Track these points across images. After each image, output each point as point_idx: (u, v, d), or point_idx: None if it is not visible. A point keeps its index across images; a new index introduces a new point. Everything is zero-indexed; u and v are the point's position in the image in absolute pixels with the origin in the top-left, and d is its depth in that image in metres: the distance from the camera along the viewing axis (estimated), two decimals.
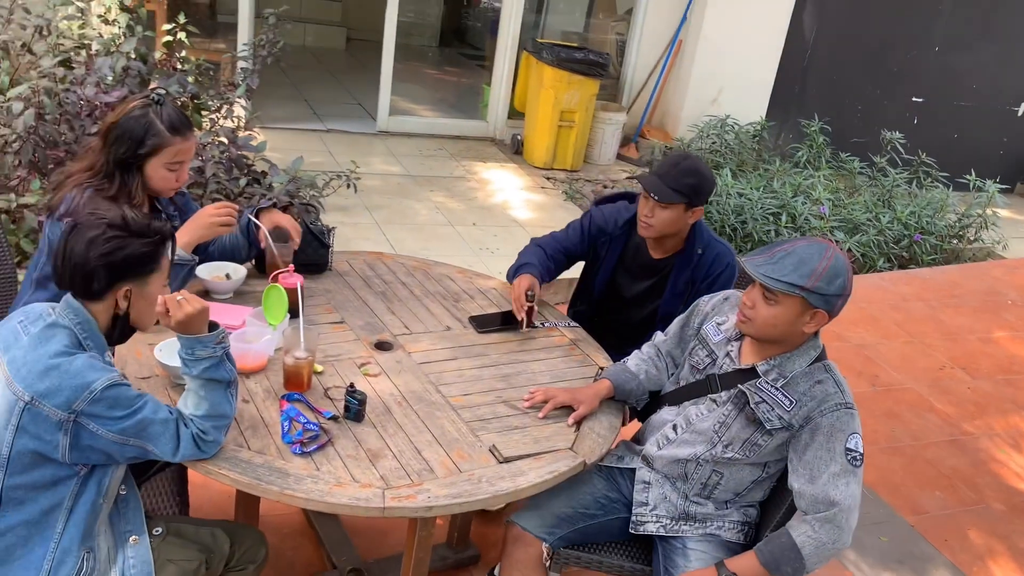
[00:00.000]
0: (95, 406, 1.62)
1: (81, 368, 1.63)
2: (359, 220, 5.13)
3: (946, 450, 3.89)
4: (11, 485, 1.64)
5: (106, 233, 1.69)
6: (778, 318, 1.97)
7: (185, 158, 2.35)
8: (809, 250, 1.95)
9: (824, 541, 1.94)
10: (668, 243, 2.67)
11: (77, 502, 1.70)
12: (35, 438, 1.62)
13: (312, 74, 8.72)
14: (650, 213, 2.55)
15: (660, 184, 2.51)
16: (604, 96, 7.49)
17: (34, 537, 1.68)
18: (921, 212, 6.36)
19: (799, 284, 1.91)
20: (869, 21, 8.01)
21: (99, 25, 4.54)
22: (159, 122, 2.26)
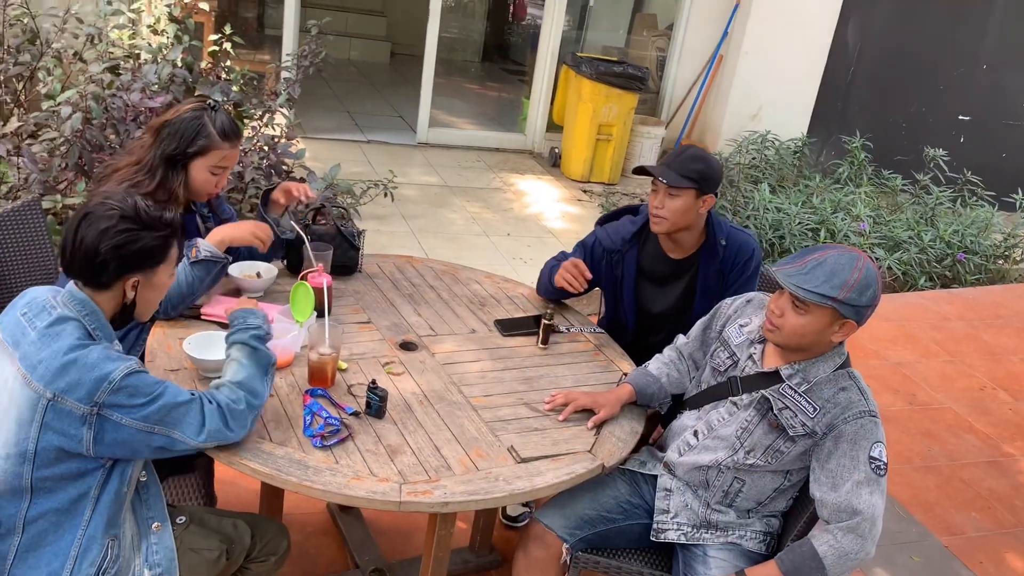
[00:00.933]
0: (116, 396, 1.64)
1: (98, 360, 1.65)
2: (395, 228, 5.19)
3: (984, 471, 3.80)
4: (39, 476, 1.67)
5: (118, 225, 1.71)
6: (807, 327, 1.95)
7: (229, 164, 2.42)
8: (840, 260, 1.93)
9: (847, 551, 1.92)
10: (685, 240, 2.60)
11: (103, 491, 1.73)
12: (59, 434, 1.64)
13: (355, 87, 8.86)
14: (660, 204, 2.49)
15: (668, 171, 2.47)
16: (644, 110, 7.50)
17: (64, 524, 1.71)
18: (965, 231, 6.23)
19: (831, 295, 1.90)
20: (914, 38, 7.92)
21: (149, 35, 4.68)
22: (211, 125, 2.34)
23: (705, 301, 2.59)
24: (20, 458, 1.65)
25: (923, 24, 7.90)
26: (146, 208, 1.76)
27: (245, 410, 1.79)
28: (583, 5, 8.53)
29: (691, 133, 7.60)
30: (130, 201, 1.76)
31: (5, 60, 3.96)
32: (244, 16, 9.80)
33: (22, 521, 1.70)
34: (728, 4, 7.38)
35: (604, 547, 2.20)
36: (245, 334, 1.90)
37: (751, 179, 6.63)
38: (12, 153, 3.62)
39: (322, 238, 2.67)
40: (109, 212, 1.72)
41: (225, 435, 1.76)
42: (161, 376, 2.05)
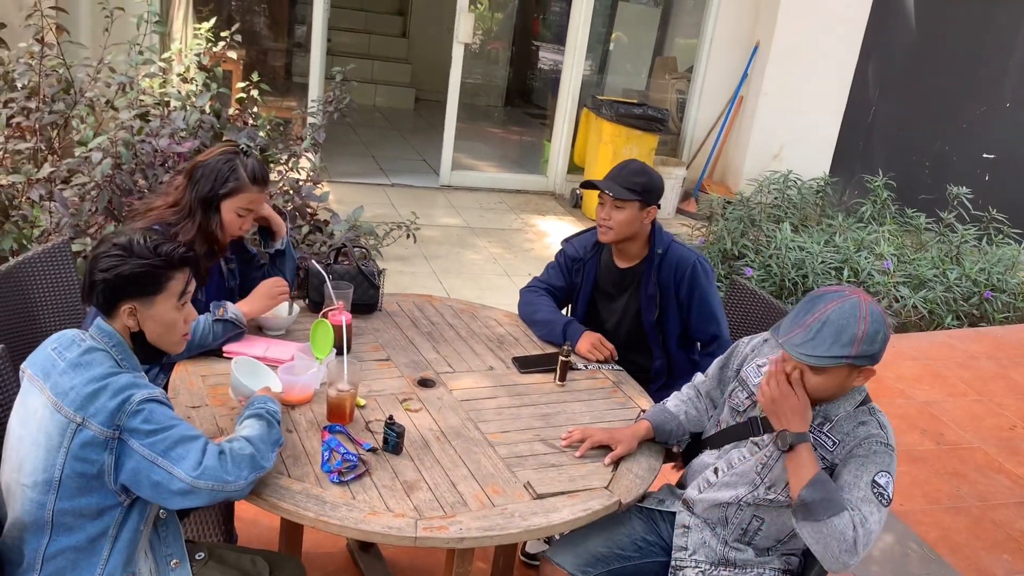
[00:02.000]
0: (133, 419, 1.67)
1: (125, 384, 1.70)
2: (417, 269, 5.24)
3: (1015, 512, 3.72)
4: (60, 509, 1.69)
5: (110, 251, 1.78)
6: (828, 383, 1.95)
7: (255, 207, 2.49)
8: (842, 314, 1.89)
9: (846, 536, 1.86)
10: (630, 249, 2.78)
11: (121, 530, 1.74)
12: (83, 460, 1.66)
13: (380, 132, 9.01)
14: (607, 216, 2.69)
15: (613, 184, 2.68)
16: (665, 151, 7.56)
17: (81, 562, 1.73)
18: (992, 269, 6.17)
19: (843, 355, 1.89)
20: (936, 77, 7.93)
21: (178, 83, 4.81)
22: (242, 169, 2.41)
23: (650, 307, 2.79)
24: (46, 486, 1.68)
25: (945, 62, 7.92)
26: (144, 239, 1.81)
27: (248, 457, 1.77)
28: (603, 49, 8.66)
29: (712, 173, 7.63)
30: (131, 233, 1.83)
31: (40, 109, 4.09)
32: (272, 64, 10.04)
33: (41, 557, 1.72)
34: (747, 45, 7.46)
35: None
36: (263, 409, 1.93)
37: (773, 219, 6.63)
38: (45, 198, 3.72)
39: (343, 277, 2.72)
40: (106, 240, 1.81)
41: (220, 477, 1.71)
42: (181, 412, 2.09)
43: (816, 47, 7.29)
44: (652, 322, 2.80)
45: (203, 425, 2.06)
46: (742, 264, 5.78)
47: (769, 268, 5.67)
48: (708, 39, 7.53)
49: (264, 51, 10.11)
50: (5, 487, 1.77)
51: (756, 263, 5.76)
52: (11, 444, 1.77)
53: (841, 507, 1.88)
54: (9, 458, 1.77)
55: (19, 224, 3.67)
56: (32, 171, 3.80)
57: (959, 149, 8.19)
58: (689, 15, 8.25)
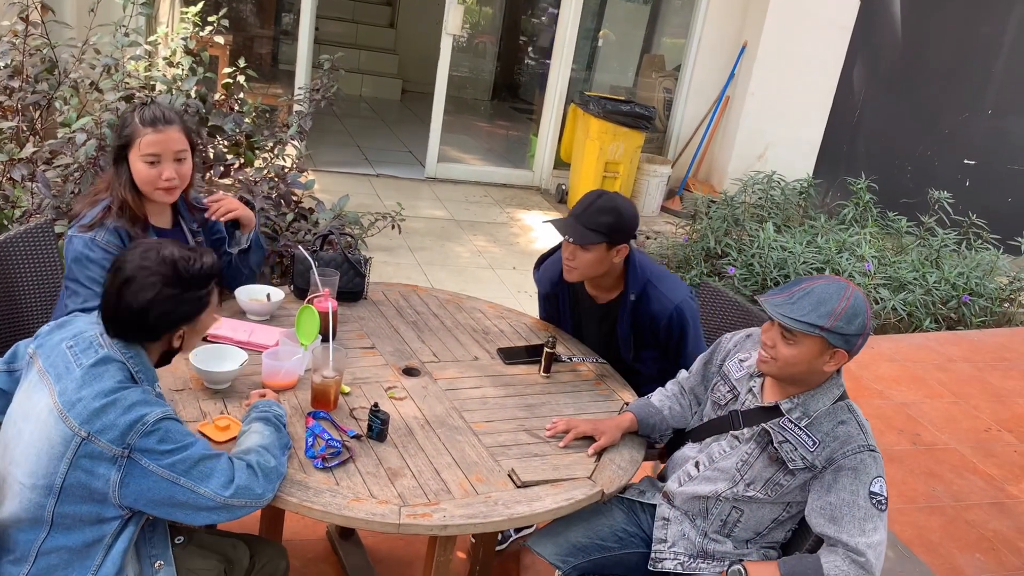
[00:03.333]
0: (147, 440, 1.64)
1: (135, 402, 1.66)
2: (401, 260, 5.23)
3: (989, 512, 3.77)
4: (61, 512, 1.67)
5: (163, 292, 1.72)
6: (798, 357, 1.96)
7: (158, 150, 2.30)
8: (828, 289, 1.94)
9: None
10: (604, 283, 2.60)
11: (116, 539, 1.72)
12: (88, 472, 1.64)
13: (366, 123, 8.98)
14: (571, 256, 2.47)
15: (575, 225, 2.42)
16: (650, 149, 7.58)
17: (74, 563, 1.71)
18: (970, 273, 6.24)
19: (818, 324, 1.91)
20: (920, 82, 8.01)
21: (164, 67, 4.77)
22: (136, 116, 2.33)
23: (625, 346, 2.64)
24: (46, 490, 1.66)
25: (929, 68, 7.99)
26: (186, 265, 1.75)
27: (274, 468, 1.77)
28: (592, 46, 8.66)
29: (697, 172, 7.67)
30: (168, 260, 1.74)
31: (23, 88, 4.04)
32: (258, 51, 9.97)
33: (35, 551, 1.70)
34: (735, 46, 7.49)
35: (599, 573, 2.19)
36: (269, 413, 1.91)
37: (756, 219, 6.67)
38: (27, 179, 3.68)
39: (329, 264, 2.70)
40: (151, 280, 1.72)
41: (254, 492, 1.72)
42: (166, 396, 2.08)
43: (803, 50, 7.33)
44: (628, 359, 2.67)
45: (186, 408, 2.05)
46: (725, 263, 5.81)
47: (751, 267, 5.70)
48: (696, 38, 7.55)
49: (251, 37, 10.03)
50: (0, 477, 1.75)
51: (739, 262, 5.80)
52: (9, 434, 1.74)
53: (818, 567, 1.92)
54: (5, 449, 1.74)
55: (0, 204, 3.62)
56: (14, 151, 3.75)
57: (941, 154, 8.28)
58: (677, 14, 8.28)
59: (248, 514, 1.76)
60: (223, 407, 2.08)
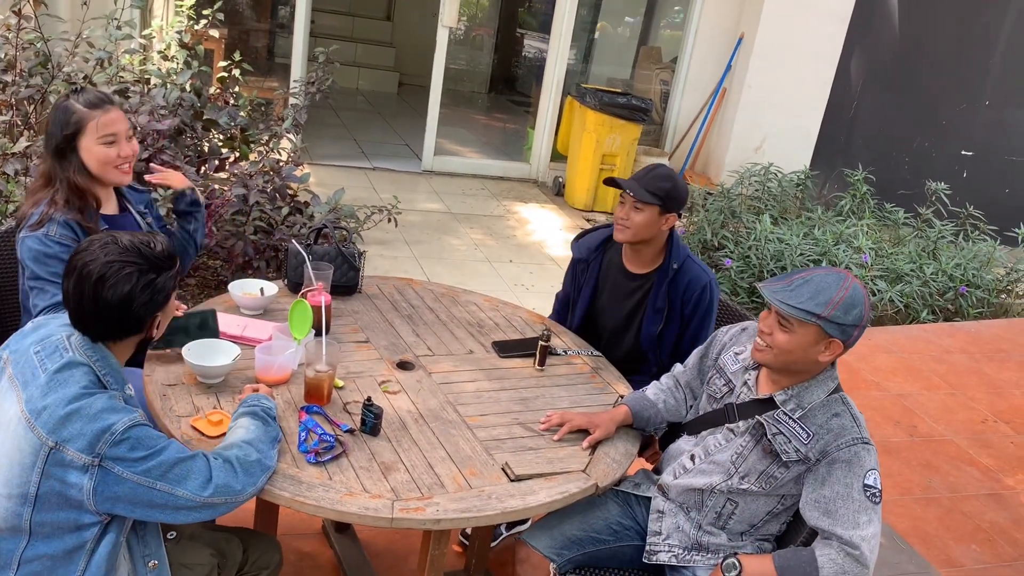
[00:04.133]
0: (117, 448, 1.61)
1: (101, 410, 1.63)
2: (398, 254, 5.22)
3: (985, 503, 3.78)
4: (38, 520, 1.65)
5: (141, 281, 1.70)
6: (793, 345, 1.96)
7: (115, 130, 2.33)
8: (827, 279, 1.94)
9: (846, 570, 1.90)
10: (644, 253, 2.72)
11: (98, 544, 1.70)
12: (60, 481, 1.62)
13: (363, 116, 8.96)
14: (625, 215, 2.63)
15: (636, 185, 2.61)
16: (647, 141, 7.57)
17: (57, 569, 1.69)
18: (967, 264, 6.24)
19: (815, 312, 1.91)
20: (917, 74, 7.99)
21: (159, 61, 4.75)
22: (77, 103, 2.32)
23: (655, 319, 2.71)
24: (21, 499, 1.64)
25: (927, 59, 7.98)
26: (148, 249, 1.74)
27: (256, 463, 1.76)
28: (588, 38, 8.65)
29: (694, 164, 7.65)
30: (132, 249, 1.72)
31: (17, 83, 4.03)
32: (254, 45, 9.93)
33: (18, 559, 1.69)
34: (732, 38, 7.47)
35: (593, 566, 2.20)
36: (258, 408, 1.90)
37: (753, 210, 6.66)
38: (20, 173, 3.66)
39: (323, 258, 2.70)
40: (126, 271, 1.70)
41: (233, 489, 1.71)
42: (159, 391, 2.08)
43: (800, 41, 7.32)
44: (653, 334, 2.73)
45: (179, 403, 2.04)
46: (721, 255, 5.81)
47: (748, 259, 5.70)
48: (693, 30, 7.53)
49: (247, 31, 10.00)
50: None
51: (735, 254, 5.79)
52: None
53: (812, 559, 1.91)
54: None
55: None
56: (7, 145, 3.74)
57: (938, 146, 8.27)
58: (674, 6, 8.26)
59: (232, 510, 1.75)
60: (216, 402, 2.07)
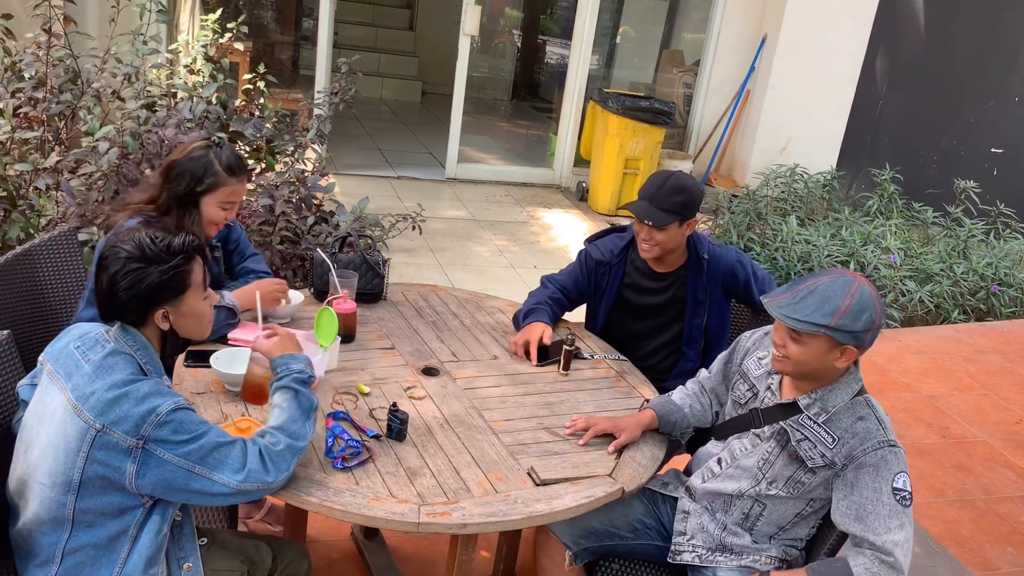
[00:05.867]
0: (161, 430, 1.66)
1: (148, 393, 1.68)
2: (422, 261, 5.24)
3: (1020, 506, 3.71)
4: (81, 508, 1.69)
5: (125, 267, 1.74)
6: (807, 356, 1.94)
7: (237, 199, 2.49)
8: (832, 287, 1.90)
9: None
10: (670, 257, 2.73)
11: (141, 531, 1.74)
12: (104, 465, 1.66)
13: (387, 125, 9.01)
14: (648, 237, 2.63)
15: (651, 208, 2.58)
16: (671, 144, 7.54)
17: (101, 559, 1.73)
18: (999, 263, 6.15)
19: (822, 324, 1.88)
20: (944, 71, 7.90)
21: (186, 75, 4.82)
22: (218, 163, 2.41)
23: (698, 312, 2.76)
24: (65, 487, 1.68)
25: (953, 56, 7.88)
26: (150, 242, 1.77)
27: (284, 451, 1.78)
28: (610, 42, 8.65)
29: (719, 167, 7.62)
30: (136, 237, 1.77)
31: (47, 99, 4.10)
32: (278, 57, 10.05)
33: (61, 552, 1.72)
34: (755, 39, 7.44)
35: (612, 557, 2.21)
36: (288, 378, 1.90)
37: (779, 212, 6.62)
38: (52, 187, 3.73)
39: (348, 266, 2.72)
40: (117, 255, 1.75)
41: (263, 478, 1.73)
42: (188, 399, 2.10)
43: (824, 41, 7.26)
44: (700, 326, 2.77)
45: (207, 411, 2.07)
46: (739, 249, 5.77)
47: (775, 261, 5.66)
48: (715, 33, 7.51)
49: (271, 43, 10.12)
50: (19, 480, 1.77)
51: (762, 256, 5.76)
52: (27, 439, 1.77)
53: (847, 570, 1.88)
54: (25, 452, 1.76)
55: (26, 213, 3.68)
56: (39, 160, 3.81)
57: (967, 143, 8.16)
58: (696, 9, 8.23)
59: (267, 495, 1.79)
60: (244, 409, 2.10)
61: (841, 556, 1.95)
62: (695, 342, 2.80)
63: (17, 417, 1.86)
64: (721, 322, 2.81)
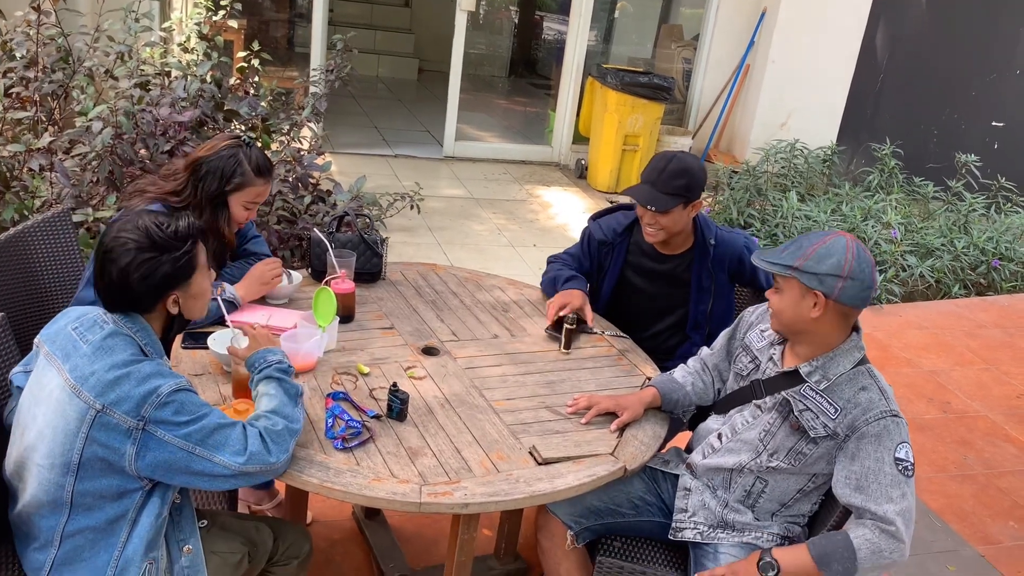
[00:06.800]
0: (162, 411, 1.64)
1: (149, 373, 1.66)
2: (421, 240, 5.21)
3: (1022, 480, 3.71)
4: (80, 491, 1.68)
5: (137, 257, 1.71)
6: (784, 304, 1.99)
7: (261, 199, 2.48)
8: (810, 236, 1.98)
9: (882, 548, 1.87)
10: (676, 240, 2.69)
11: (140, 514, 1.72)
12: (104, 446, 1.64)
13: (383, 103, 8.94)
14: (652, 221, 2.58)
15: (653, 192, 2.52)
16: (670, 120, 7.49)
17: (100, 542, 1.72)
18: (1000, 238, 6.13)
19: (788, 264, 1.94)
20: (945, 43, 7.83)
21: (179, 53, 4.77)
22: (247, 163, 2.39)
23: (703, 298, 2.72)
24: (64, 468, 1.66)
25: (954, 29, 7.81)
26: (158, 230, 1.75)
27: (283, 431, 1.77)
28: (608, 18, 8.56)
29: (718, 143, 7.57)
30: (141, 226, 1.74)
31: (39, 78, 4.05)
32: (273, 35, 9.95)
33: (59, 535, 1.71)
34: (754, 13, 7.36)
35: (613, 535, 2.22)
36: (269, 369, 1.89)
37: (779, 188, 6.58)
38: (46, 168, 3.69)
39: (345, 245, 2.69)
40: (125, 247, 1.72)
41: (266, 459, 1.72)
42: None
43: (824, 14, 7.19)
44: (704, 312, 2.73)
45: (206, 393, 2.05)
46: (748, 234, 5.74)
47: (775, 237, 5.63)
48: (714, 6, 7.43)
49: (265, 21, 10.02)
50: (16, 462, 1.76)
51: (762, 232, 5.73)
52: (23, 422, 1.75)
53: (847, 542, 1.88)
54: (22, 435, 1.74)
55: (20, 194, 3.64)
56: (32, 141, 3.77)
57: (968, 117, 8.11)
58: None
59: (269, 478, 1.78)
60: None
61: (843, 530, 1.94)
62: (700, 327, 2.77)
63: (10, 408, 1.83)
64: (727, 308, 2.77)
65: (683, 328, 2.79)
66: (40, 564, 1.73)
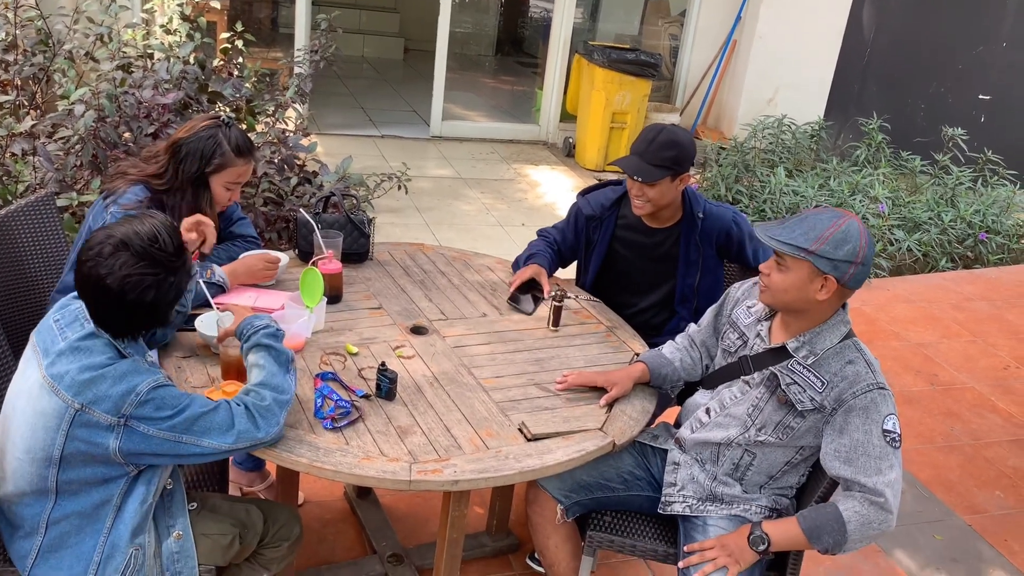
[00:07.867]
0: (142, 408, 1.63)
1: (125, 372, 1.65)
2: (409, 221, 5.20)
3: (1008, 449, 3.75)
4: (65, 479, 1.68)
5: (161, 288, 1.67)
6: (788, 283, 1.95)
7: (243, 180, 2.45)
8: (821, 216, 1.94)
9: (871, 519, 1.89)
10: (664, 213, 2.68)
11: (126, 500, 1.73)
12: (84, 442, 1.64)
13: (369, 83, 8.89)
14: (640, 193, 2.57)
15: (641, 164, 2.52)
16: (658, 97, 7.47)
17: (85, 528, 1.72)
18: (987, 211, 6.15)
19: (803, 247, 1.90)
20: (932, 18, 7.82)
21: (162, 35, 4.72)
22: (227, 143, 2.35)
23: (690, 272, 2.72)
24: (46, 462, 1.66)
25: (940, 3, 7.79)
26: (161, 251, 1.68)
27: (271, 405, 1.76)
28: None
29: (706, 119, 7.56)
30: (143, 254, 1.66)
31: (19, 62, 4.01)
32: (257, 15, 9.86)
33: (45, 522, 1.71)
34: None
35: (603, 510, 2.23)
36: (257, 335, 1.88)
37: (767, 163, 6.58)
38: (28, 153, 3.66)
39: (332, 226, 2.68)
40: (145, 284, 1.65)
41: (254, 435, 1.72)
42: (174, 363, 2.08)
43: None
44: (692, 285, 2.74)
45: (194, 374, 2.05)
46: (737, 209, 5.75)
47: (763, 213, 5.64)
48: None
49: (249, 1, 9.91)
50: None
51: (750, 208, 5.73)
52: (6, 412, 1.74)
53: (837, 514, 1.90)
54: (6, 426, 1.74)
55: (3, 180, 3.61)
56: (14, 125, 3.73)
57: (955, 91, 8.11)
58: None
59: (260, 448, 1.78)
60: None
61: (832, 502, 1.96)
62: (688, 301, 2.78)
63: None
64: (715, 282, 2.77)
65: (671, 303, 2.79)
66: (26, 552, 1.73)
